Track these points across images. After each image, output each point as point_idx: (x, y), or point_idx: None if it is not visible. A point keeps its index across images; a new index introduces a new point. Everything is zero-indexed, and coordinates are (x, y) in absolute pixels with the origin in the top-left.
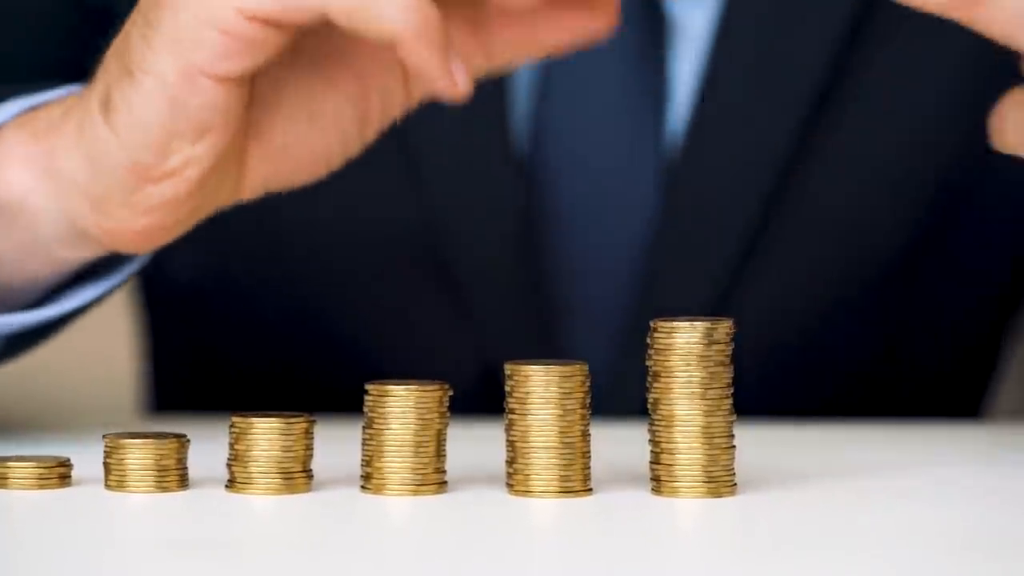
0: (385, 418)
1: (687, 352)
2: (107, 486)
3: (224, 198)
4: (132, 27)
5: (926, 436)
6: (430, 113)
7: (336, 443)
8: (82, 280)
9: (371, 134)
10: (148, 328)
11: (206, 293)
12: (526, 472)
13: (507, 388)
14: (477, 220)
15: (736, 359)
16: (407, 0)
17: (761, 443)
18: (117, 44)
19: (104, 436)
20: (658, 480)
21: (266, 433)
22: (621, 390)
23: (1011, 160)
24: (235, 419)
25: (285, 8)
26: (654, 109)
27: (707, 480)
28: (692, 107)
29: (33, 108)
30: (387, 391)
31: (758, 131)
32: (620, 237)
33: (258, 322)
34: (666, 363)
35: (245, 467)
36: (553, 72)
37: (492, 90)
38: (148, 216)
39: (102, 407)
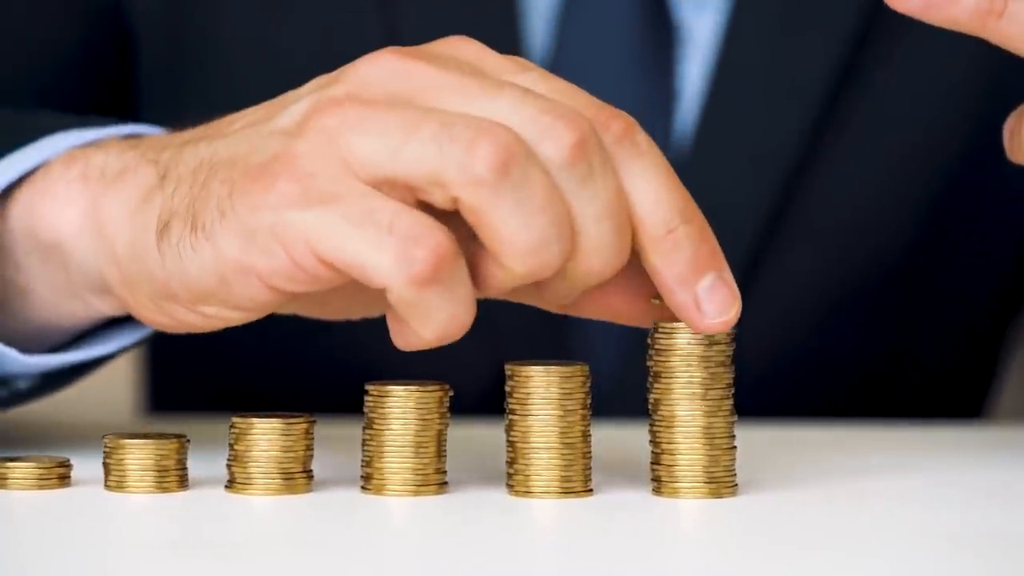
0: (385, 418)
1: (688, 353)
2: (107, 486)
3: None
4: (220, 166)
5: (928, 437)
6: None
7: (336, 444)
8: (119, 321)
9: None
10: None
11: None
12: (526, 473)
13: (507, 389)
14: None
15: (739, 360)
16: (453, 316)
17: (762, 444)
18: (201, 161)
19: (104, 436)
20: (659, 481)
21: (266, 433)
22: (635, 391)
23: None
24: (235, 419)
25: (351, 268)
26: (662, 112)
27: (708, 481)
28: (700, 110)
29: (83, 145)
30: (387, 391)
31: (765, 134)
32: None
33: (259, 323)
34: (667, 364)
35: (245, 467)
36: (561, 75)
37: None
38: (168, 318)
39: (102, 407)
